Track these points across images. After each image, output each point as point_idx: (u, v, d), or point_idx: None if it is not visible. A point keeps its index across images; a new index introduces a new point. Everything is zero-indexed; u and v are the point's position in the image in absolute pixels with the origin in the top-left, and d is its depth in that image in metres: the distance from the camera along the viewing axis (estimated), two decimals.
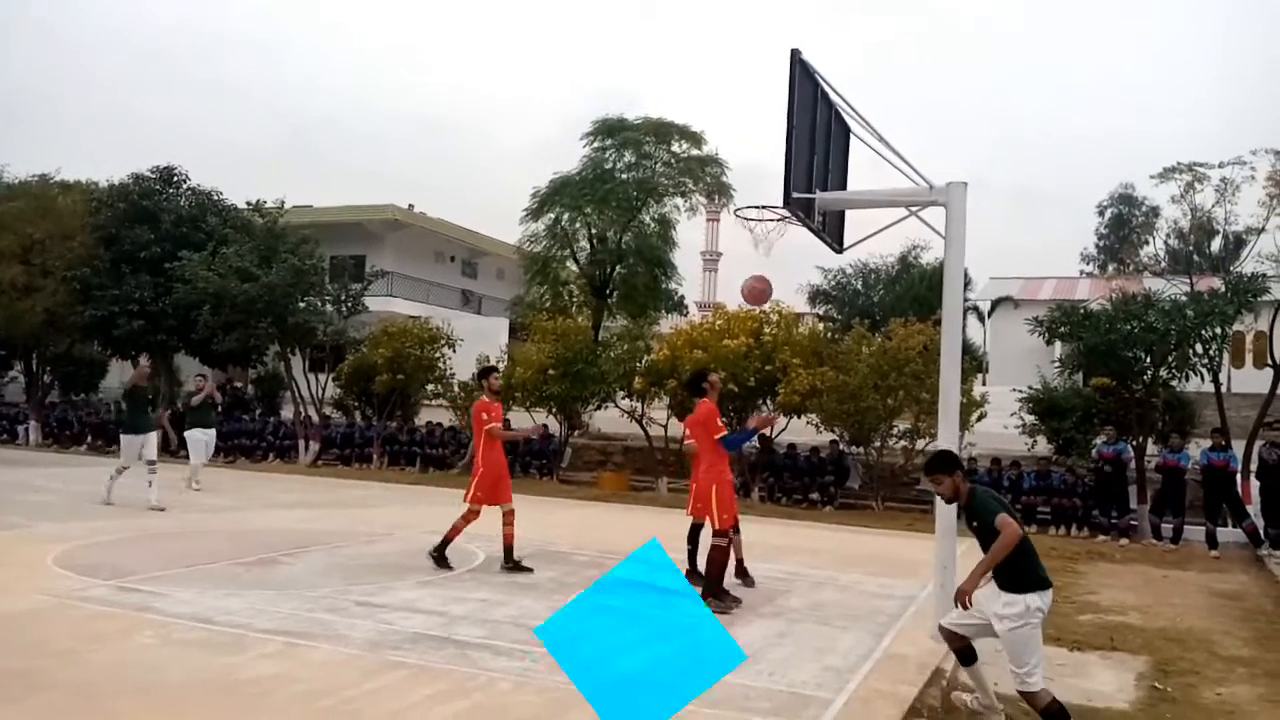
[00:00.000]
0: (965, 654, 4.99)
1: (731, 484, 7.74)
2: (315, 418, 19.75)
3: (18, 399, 25.25)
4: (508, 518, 8.50)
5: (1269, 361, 14.57)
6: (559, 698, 4.93)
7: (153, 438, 12.06)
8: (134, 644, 5.64)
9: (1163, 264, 19.79)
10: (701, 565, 7.72)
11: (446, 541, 8.45)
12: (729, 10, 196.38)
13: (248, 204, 21.97)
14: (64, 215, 21.07)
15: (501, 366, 18.83)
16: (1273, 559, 11.22)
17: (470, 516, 8.40)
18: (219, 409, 15.51)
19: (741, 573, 8.35)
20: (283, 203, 22.05)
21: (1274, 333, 14.34)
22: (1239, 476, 12.87)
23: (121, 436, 12.37)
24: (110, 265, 21.00)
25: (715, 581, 7.31)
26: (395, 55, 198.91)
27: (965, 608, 4.83)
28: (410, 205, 35.61)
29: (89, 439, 21.39)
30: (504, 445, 8.79)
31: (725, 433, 7.73)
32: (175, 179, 23.05)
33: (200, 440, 13.96)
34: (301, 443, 19.40)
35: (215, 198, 23.22)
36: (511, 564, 8.44)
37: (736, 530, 8.20)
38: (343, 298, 20.13)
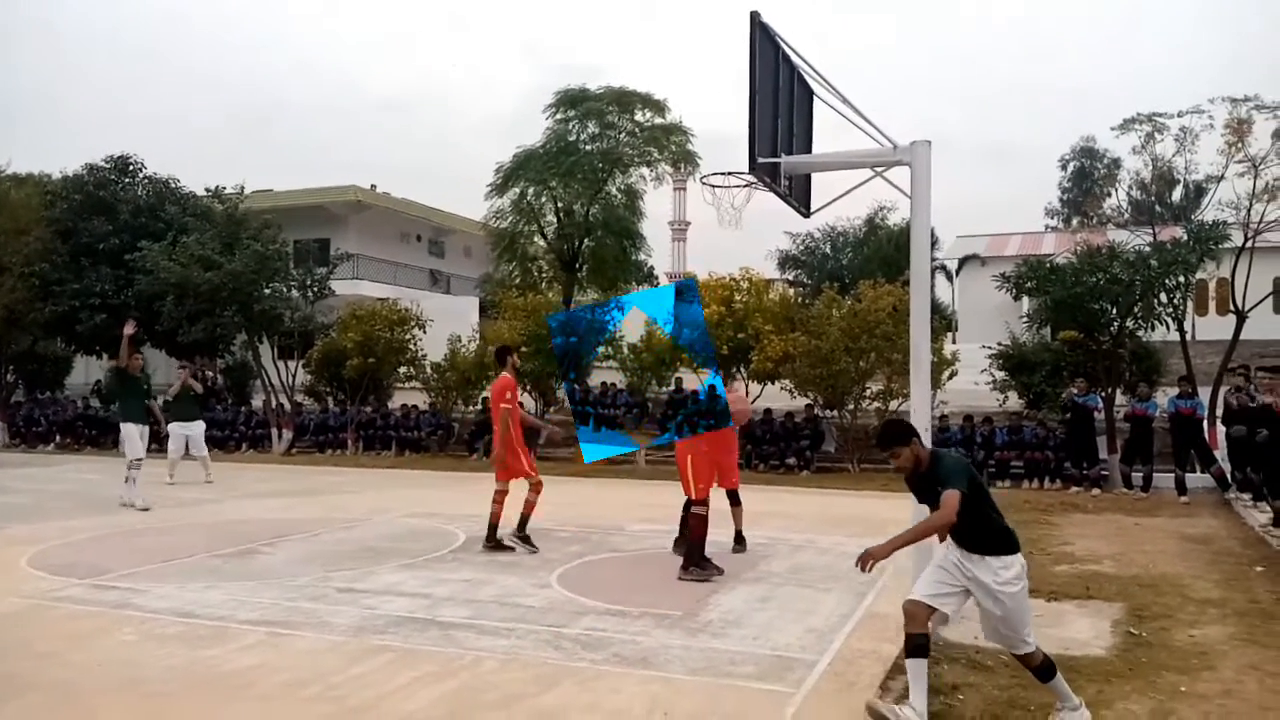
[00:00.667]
0: (921, 643, 4.26)
1: (706, 455, 7.76)
2: (287, 405, 19.57)
3: None
4: (498, 496, 8.52)
5: (1231, 308, 14.80)
6: (545, 673, 4.96)
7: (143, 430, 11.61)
8: (115, 641, 5.60)
9: (1126, 215, 19.94)
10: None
11: (524, 520, 8.52)
12: None
13: (207, 191, 21.60)
14: (17, 209, 20.62)
15: (473, 346, 18.76)
16: (1239, 502, 11.46)
17: (530, 493, 8.56)
18: (204, 399, 15.27)
19: (739, 539, 8.46)
20: (242, 188, 21.70)
21: (1235, 279, 14.56)
22: (1205, 423, 13.11)
23: (123, 427, 11.63)
24: (69, 259, 20.61)
25: (696, 549, 7.36)
26: (345, 33, 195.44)
27: (864, 570, 4.26)
28: (373, 186, 35.18)
29: (56, 437, 21.07)
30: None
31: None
32: (131, 168, 22.59)
33: (180, 434, 13.66)
34: (275, 431, 19.23)
35: (173, 186, 22.80)
36: (494, 543, 8.45)
37: (736, 501, 8.37)
38: (308, 282, 19.87)
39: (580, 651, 5.35)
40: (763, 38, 6.20)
